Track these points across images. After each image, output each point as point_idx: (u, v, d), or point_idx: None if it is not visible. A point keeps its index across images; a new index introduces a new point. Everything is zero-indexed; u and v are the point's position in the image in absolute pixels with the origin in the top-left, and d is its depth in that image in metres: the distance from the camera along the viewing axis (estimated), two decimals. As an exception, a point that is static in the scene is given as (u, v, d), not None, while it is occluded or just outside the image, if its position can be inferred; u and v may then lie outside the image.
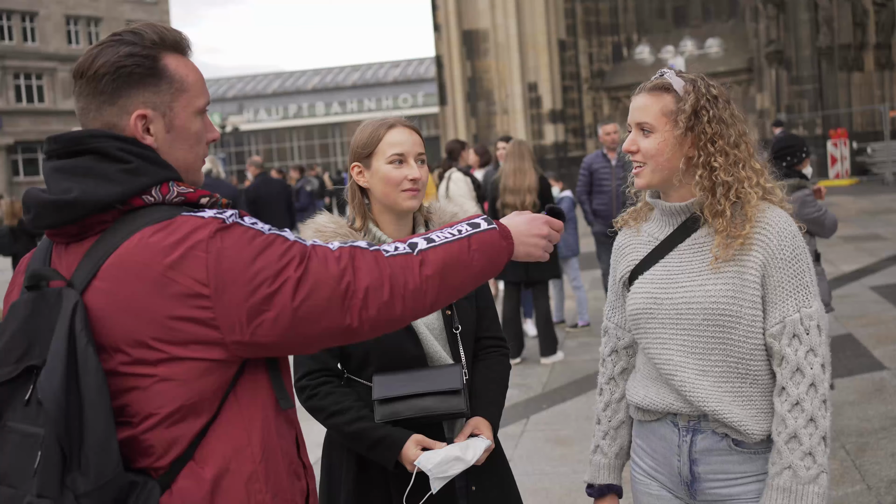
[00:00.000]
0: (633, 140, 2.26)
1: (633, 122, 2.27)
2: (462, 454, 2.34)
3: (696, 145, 2.21)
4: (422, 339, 2.49)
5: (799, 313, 2.15)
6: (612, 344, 2.50)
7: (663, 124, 2.22)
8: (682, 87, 2.22)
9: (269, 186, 12.14)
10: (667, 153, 2.22)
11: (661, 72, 2.30)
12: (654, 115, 2.22)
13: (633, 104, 2.28)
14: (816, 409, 2.12)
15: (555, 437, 5.86)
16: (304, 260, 1.59)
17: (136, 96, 1.63)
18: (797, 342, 2.14)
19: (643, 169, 2.25)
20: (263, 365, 1.67)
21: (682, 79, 2.24)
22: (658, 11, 30.79)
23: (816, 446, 2.11)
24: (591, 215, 8.93)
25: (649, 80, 2.29)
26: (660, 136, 2.22)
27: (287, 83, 57.77)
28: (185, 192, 1.63)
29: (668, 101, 2.22)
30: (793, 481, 2.10)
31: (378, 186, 2.52)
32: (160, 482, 1.55)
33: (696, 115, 2.20)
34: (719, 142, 2.20)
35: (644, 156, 2.24)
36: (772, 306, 2.17)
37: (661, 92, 2.24)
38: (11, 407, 1.54)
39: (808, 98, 26.19)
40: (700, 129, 2.20)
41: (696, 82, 2.24)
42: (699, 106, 2.20)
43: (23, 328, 1.55)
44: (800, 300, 2.15)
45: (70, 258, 1.61)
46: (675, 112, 2.20)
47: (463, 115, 29.58)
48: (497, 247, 1.82)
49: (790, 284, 2.16)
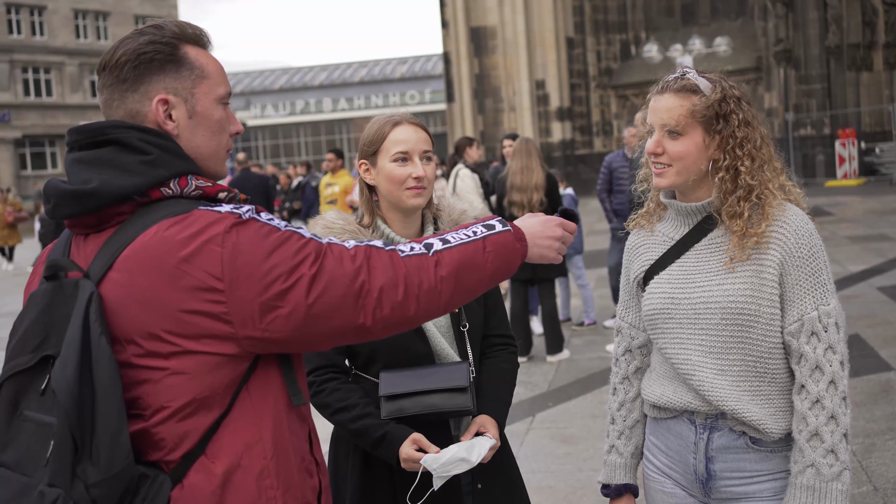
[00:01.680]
0: (659, 142, 2.22)
1: (658, 123, 2.23)
2: (467, 455, 2.34)
3: (723, 148, 2.20)
4: (429, 336, 2.50)
5: (817, 311, 2.14)
6: (626, 343, 2.49)
7: (691, 127, 2.19)
8: (708, 89, 2.19)
9: (247, 181, 13.08)
10: (693, 156, 2.20)
11: (682, 71, 2.26)
12: (681, 117, 2.19)
13: (658, 104, 2.24)
14: (837, 406, 2.12)
15: (560, 436, 5.86)
16: (319, 257, 1.60)
17: (157, 82, 1.65)
18: (816, 340, 2.14)
19: (668, 170, 2.23)
20: (276, 361, 1.68)
21: (707, 80, 2.22)
22: (666, 9, 30.70)
23: (838, 443, 2.12)
24: (612, 213, 8.93)
25: (671, 80, 2.24)
26: (688, 138, 2.20)
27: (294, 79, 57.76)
28: (203, 186, 1.65)
29: (696, 103, 2.19)
30: (816, 479, 2.11)
31: (383, 184, 2.52)
32: (171, 476, 1.56)
33: (725, 119, 2.18)
34: (747, 146, 2.19)
35: (670, 157, 2.21)
36: (789, 304, 2.17)
37: (688, 93, 2.20)
38: (28, 396, 1.56)
39: (816, 97, 26.09)
40: (728, 132, 2.18)
41: (721, 83, 2.21)
42: (728, 109, 2.18)
43: (40, 318, 1.56)
44: (818, 298, 2.15)
45: (88, 249, 1.62)
46: (703, 115, 2.18)
47: (470, 111, 29.56)
48: (511, 249, 1.82)
49: (808, 282, 2.15)
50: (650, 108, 2.27)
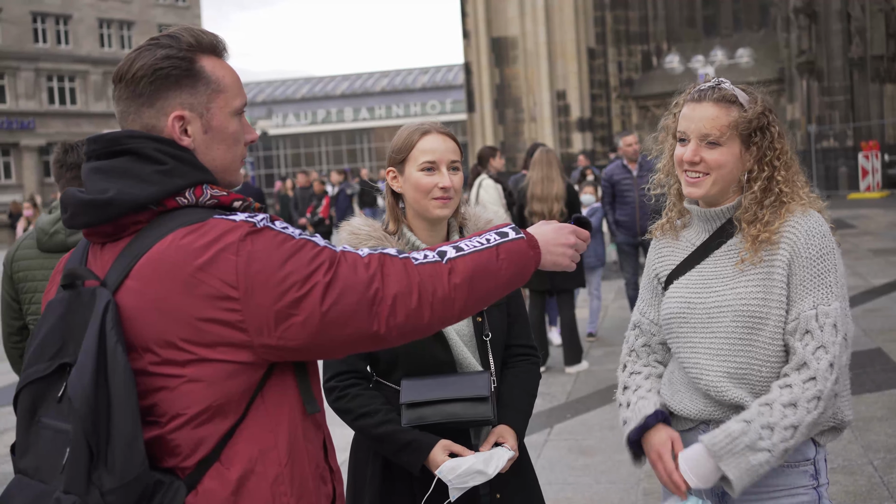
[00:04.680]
0: (696, 151, 2.22)
1: (697, 132, 2.22)
2: (484, 467, 2.33)
3: (761, 160, 2.21)
4: (451, 345, 2.49)
5: (815, 310, 2.12)
6: (646, 339, 2.47)
7: (731, 138, 2.20)
8: (747, 101, 2.21)
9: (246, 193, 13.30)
10: (731, 165, 2.22)
11: (717, 81, 2.26)
12: (722, 127, 2.20)
13: (696, 113, 2.23)
14: (807, 400, 2.07)
15: (578, 447, 5.83)
16: (333, 265, 1.60)
17: (173, 98, 1.66)
18: (809, 337, 2.11)
19: (704, 179, 2.23)
20: (291, 368, 1.68)
21: (743, 91, 2.23)
22: (688, 20, 30.65)
23: (783, 428, 2.06)
24: (615, 225, 8.91)
25: (706, 89, 2.24)
26: (726, 149, 2.21)
27: (316, 88, 58.03)
28: (218, 195, 1.66)
29: (736, 115, 2.20)
30: (740, 437, 2.06)
31: (410, 193, 2.53)
32: (186, 482, 1.56)
33: (762, 131, 2.20)
34: (784, 157, 2.22)
35: (708, 166, 2.22)
36: (792, 304, 2.16)
37: (728, 104, 2.21)
38: (45, 403, 1.57)
39: (839, 109, 25.93)
40: (767, 144, 2.21)
41: (758, 96, 2.24)
42: (767, 122, 2.20)
43: (58, 326, 1.58)
44: (818, 298, 2.13)
45: (105, 258, 1.64)
46: (743, 125, 2.19)
47: (491, 122, 29.59)
48: (525, 256, 1.82)
49: (811, 283, 2.14)
50: (684, 116, 2.26)
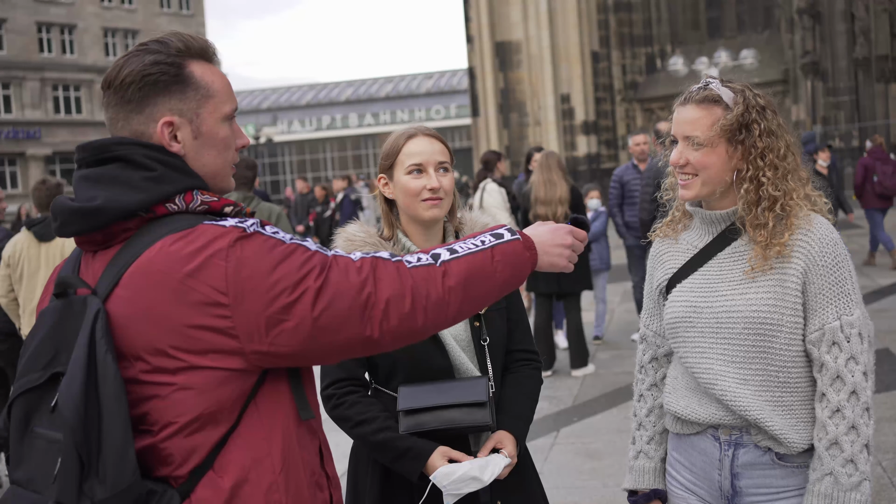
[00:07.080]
0: (682, 153, 2.22)
1: (681, 134, 2.23)
2: (479, 474, 2.31)
3: (746, 159, 2.19)
4: (449, 350, 2.47)
5: (839, 321, 2.12)
6: (652, 352, 2.48)
7: (714, 137, 2.18)
8: (731, 99, 2.19)
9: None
10: (717, 166, 2.20)
11: (706, 81, 2.25)
12: (704, 128, 2.19)
13: (680, 116, 2.24)
14: (858, 416, 2.10)
15: (585, 451, 5.81)
16: (324, 269, 1.58)
17: (162, 104, 1.64)
18: (837, 349, 2.12)
19: (693, 181, 2.23)
20: (285, 375, 1.66)
21: (730, 89, 2.21)
22: (692, 23, 30.62)
23: (858, 454, 2.09)
24: (624, 227, 8.87)
25: (694, 90, 2.24)
26: (710, 149, 2.19)
27: (321, 94, 58.14)
28: (208, 201, 1.64)
29: (719, 114, 2.18)
30: (834, 488, 2.08)
31: (400, 197, 2.51)
32: (179, 491, 1.54)
33: (748, 129, 2.17)
34: (769, 156, 2.18)
35: (695, 167, 2.21)
36: (812, 314, 2.15)
37: (710, 104, 2.20)
38: (38, 413, 1.55)
39: (844, 110, 25.89)
40: (750, 142, 2.18)
41: (744, 93, 2.20)
42: (750, 119, 2.17)
43: (50, 335, 1.57)
44: (840, 307, 2.13)
45: (96, 266, 1.62)
46: (725, 125, 2.17)
47: (495, 126, 29.61)
48: (520, 257, 1.79)
49: (831, 292, 2.13)
50: (673, 119, 2.27)
